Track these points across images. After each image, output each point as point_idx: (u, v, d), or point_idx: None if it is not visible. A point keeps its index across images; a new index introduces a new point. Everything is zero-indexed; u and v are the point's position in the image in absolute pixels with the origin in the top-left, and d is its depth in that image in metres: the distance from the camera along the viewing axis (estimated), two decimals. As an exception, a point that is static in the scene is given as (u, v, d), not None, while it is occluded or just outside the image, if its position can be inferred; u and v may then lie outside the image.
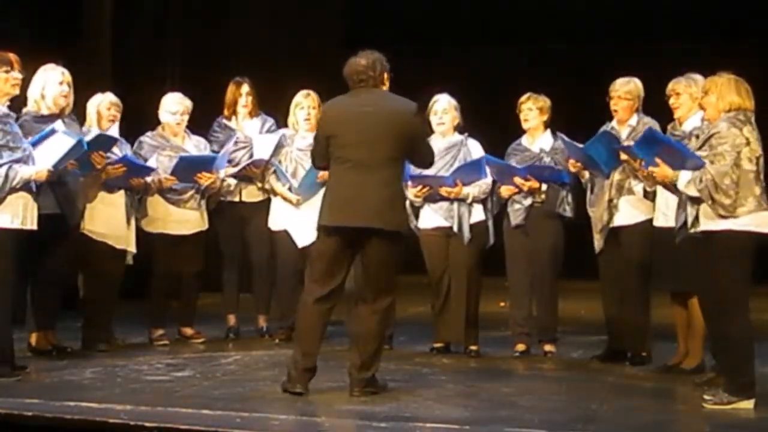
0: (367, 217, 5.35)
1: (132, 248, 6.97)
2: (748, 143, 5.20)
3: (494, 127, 7.15)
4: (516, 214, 6.82)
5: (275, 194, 7.32)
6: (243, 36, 10.78)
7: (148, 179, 7.02)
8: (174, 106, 7.26)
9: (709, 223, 5.23)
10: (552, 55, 12.38)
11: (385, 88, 5.59)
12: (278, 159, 7.34)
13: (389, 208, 5.39)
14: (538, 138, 6.93)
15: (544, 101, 6.91)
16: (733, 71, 5.39)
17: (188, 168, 7.09)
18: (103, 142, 6.55)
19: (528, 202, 6.80)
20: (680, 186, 5.33)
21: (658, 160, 5.47)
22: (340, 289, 5.51)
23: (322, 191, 6.86)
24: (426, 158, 5.72)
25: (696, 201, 5.28)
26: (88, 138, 6.36)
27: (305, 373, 5.41)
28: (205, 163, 7.17)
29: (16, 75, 5.83)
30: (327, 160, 5.64)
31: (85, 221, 6.76)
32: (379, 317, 5.46)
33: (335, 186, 5.52)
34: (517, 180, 6.75)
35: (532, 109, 6.88)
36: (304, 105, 7.34)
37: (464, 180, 6.76)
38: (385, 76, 5.56)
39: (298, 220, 7.17)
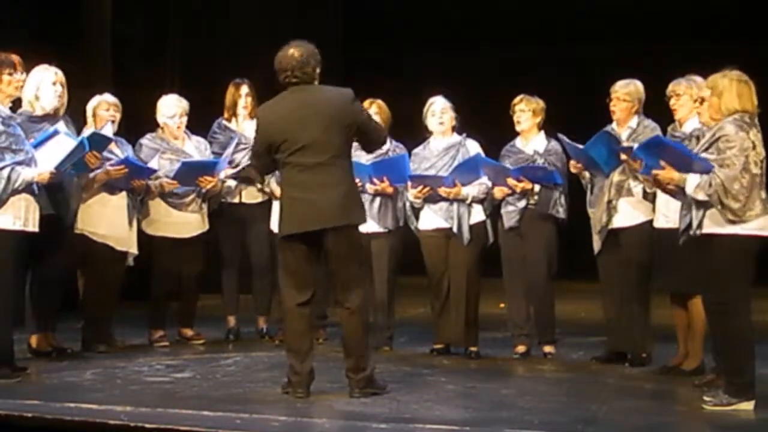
0: (325, 218, 5.34)
1: (134, 250, 6.97)
2: (754, 147, 5.19)
3: (491, 128, 7.15)
4: (510, 216, 6.82)
5: (276, 197, 7.31)
6: (243, 36, 10.78)
7: (150, 183, 7.02)
8: (171, 109, 7.26)
9: (715, 226, 5.21)
10: (552, 56, 12.37)
11: (316, 83, 5.51)
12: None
13: (344, 205, 5.37)
14: (531, 139, 6.92)
15: (537, 103, 6.90)
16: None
17: (190, 172, 7.09)
18: (97, 142, 6.53)
19: (522, 204, 6.79)
20: (688, 190, 5.29)
21: (663, 163, 5.45)
22: (317, 290, 5.54)
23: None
24: (377, 138, 5.68)
25: (703, 204, 5.25)
26: (83, 135, 6.35)
27: (306, 377, 5.42)
28: (207, 168, 7.17)
29: (19, 77, 5.84)
30: (270, 169, 5.69)
31: (85, 222, 6.76)
32: (358, 316, 5.44)
33: (289, 193, 5.46)
34: (510, 181, 6.74)
35: (525, 111, 6.88)
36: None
37: (463, 180, 6.77)
38: (317, 70, 5.48)
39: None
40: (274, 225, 7.30)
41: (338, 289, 5.46)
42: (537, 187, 6.77)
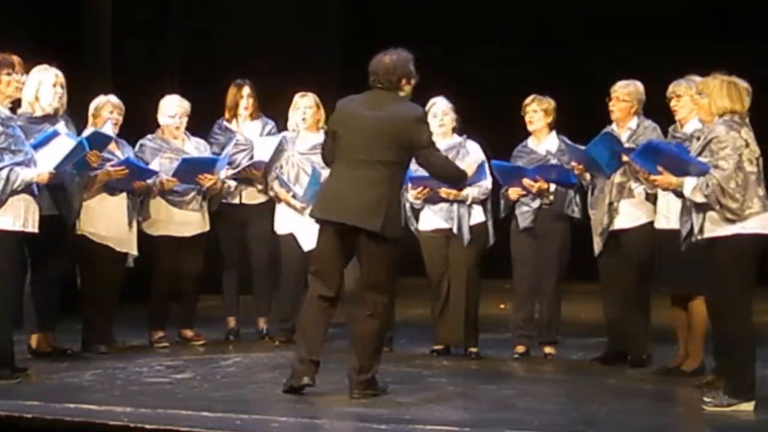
0: (348, 214, 5.37)
1: (134, 251, 6.97)
2: (747, 145, 5.21)
3: (496, 129, 7.14)
4: (524, 216, 6.82)
5: (279, 200, 7.32)
6: (243, 37, 10.78)
7: (150, 182, 7.02)
8: (172, 109, 7.26)
9: (717, 229, 5.22)
10: (552, 56, 12.36)
11: (404, 93, 5.54)
12: (280, 164, 7.32)
13: (373, 209, 5.34)
14: (543, 140, 6.93)
15: (549, 103, 6.90)
16: (731, 73, 5.38)
17: (190, 169, 7.09)
18: (99, 140, 6.53)
19: (536, 204, 6.80)
20: (686, 193, 5.31)
21: (660, 168, 5.46)
22: (342, 287, 5.54)
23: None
24: (432, 165, 5.61)
25: (702, 207, 5.26)
26: (83, 135, 6.35)
27: (311, 365, 5.41)
28: (207, 165, 7.18)
29: (19, 78, 5.83)
30: (333, 159, 5.71)
31: (85, 223, 6.76)
32: (376, 319, 5.44)
33: (329, 180, 5.64)
34: (526, 182, 6.74)
35: (537, 111, 6.88)
36: (299, 105, 7.34)
37: (463, 181, 6.76)
38: (404, 81, 5.52)
39: (304, 224, 7.16)
40: (278, 226, 7.35)
41: (364, 288, 5.47)
42: (552, 187, 6.76)
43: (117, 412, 4.94)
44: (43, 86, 6.39)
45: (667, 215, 6.10)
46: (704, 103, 5.34)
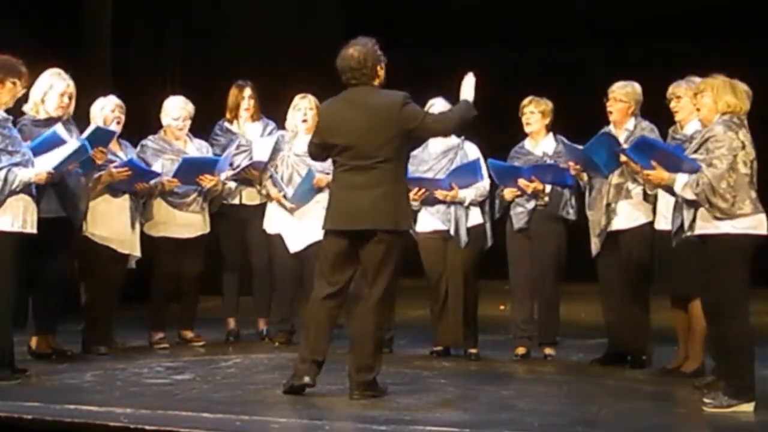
0: (359, 220, 5.39)
1: (137, 253, 6.97)
2: (743, 147, 5.22)
3: (495, 129, 7.13)
4: (519, 217, 6.82)
5: (271, 199, 7.31)
6: (243, 38, 10.78)
7: (152, 183, 7.01)
8: (176, 111, 7.26)
9: (707, 226, 5.23)
10: (552, 56, 12.36)
11: (378, 81, 5.53)
12: (275, 164, 7.32)
13: (384, 208, 5.37)
14: (540, 141, 6.93)
15: (546, 104, 6.91)
16: (731, 74, 5.39)
17: (190, 170, 7.09)
18: (101, 136, 6.52)
19: (531, 205, 6.80)
20: (677, 189, 5.34)
21: (654, 163, 5.48)
22: (347, 288, 5.54)
23: (316, 198, 6.94)
24: (438, 129, 5.68)
25: (693, 204, 5.28)
26: (85, 134, 6.35)
27: (313, 365, 5.41)
28: (208, 165, 7.18)
29: (20, 89, 5.84)
30: (323, 159, 5.75)
31: (88, 224, 6.76)
32: (376, 316, 5.44)
33: (334, 190, 5.63)
34: (522, 182, 6.74)
35: (534, 113, 6.88)
36: (300, 107, 7.32)
37: (460, 182, 6.76)
38: (378, 69, 5.51)
39: (291, 225, 7.18)
40: (267, 225, 7.33)
41: (366, 284, 5.47)
42: (548, 188, 6.76)
43: (117, 413, 4.94)
44: (52, 91, 6.40)
45: (667, 216, 6.08)
46: (707, 101, 5.33)
